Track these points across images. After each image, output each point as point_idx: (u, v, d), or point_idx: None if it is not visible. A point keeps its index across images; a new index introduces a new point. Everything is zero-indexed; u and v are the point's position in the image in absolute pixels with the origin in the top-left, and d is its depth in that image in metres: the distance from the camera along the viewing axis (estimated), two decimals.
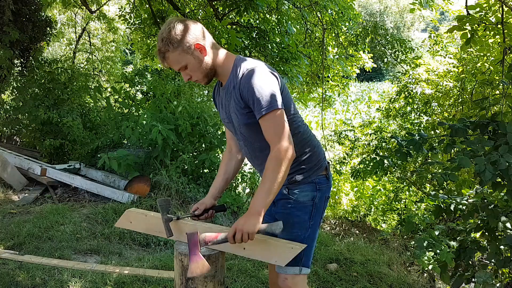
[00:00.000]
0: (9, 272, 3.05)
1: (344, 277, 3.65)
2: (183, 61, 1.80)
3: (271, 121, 1.71)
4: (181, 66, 1.81)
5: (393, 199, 6.86)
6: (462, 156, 2.71)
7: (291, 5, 7.42)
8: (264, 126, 1.74)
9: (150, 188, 4.94)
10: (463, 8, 5.94)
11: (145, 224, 2.09)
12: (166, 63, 1.82)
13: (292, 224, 1.88)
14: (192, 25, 1.81)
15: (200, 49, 1.80)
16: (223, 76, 1.88)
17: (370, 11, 31.71)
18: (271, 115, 1.70)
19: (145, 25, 8.21)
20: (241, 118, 1.84)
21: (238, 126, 1.89)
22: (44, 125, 6.13)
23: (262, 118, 1.72)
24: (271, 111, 1.70)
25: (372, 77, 29.83)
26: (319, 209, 1.93)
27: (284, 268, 1.84)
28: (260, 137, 1.80)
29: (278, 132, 1.71)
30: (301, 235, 1.87)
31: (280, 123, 1.71)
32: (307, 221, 1.89)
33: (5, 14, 6.25)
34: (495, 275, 3.27)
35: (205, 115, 5.65)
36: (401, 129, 7.53)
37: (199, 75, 1.84)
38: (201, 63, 1.81)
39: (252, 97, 1.72)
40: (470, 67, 6.37)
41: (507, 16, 3.80)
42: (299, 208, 1.89)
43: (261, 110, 1.71)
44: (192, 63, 1.81)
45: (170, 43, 1.76)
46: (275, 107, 1.70)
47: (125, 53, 15.44)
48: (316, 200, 1.91)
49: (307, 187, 1.90)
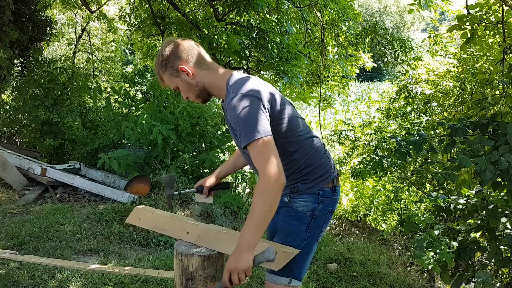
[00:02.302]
0: (9, 272, 3.05)
1: (344, 277, 3.65)
2: (174, 83, 1.86)
3: (255, 151, 1.66)
4: (174, 87, 1.88)
5: (393, 199, 6.85)
6: (463, 156, 2.71)
7: (291, 4, 7.41)
8: (250, 155, 1.69)
9: (150, 188, 4.94)
10: (462, 8, 5.95)
11: (152, 221, 2.13)
12: (163, 84, 1.90)
13: (288, 232, 1.85)
14: (180, 47, 1.82)
15: (186, 72, 1.82)
16: (218, 95, 1.89)
17: (370, 11, 31.72)
18: (254, 144, 1.65)
19: (145, 25, 8.21)
20: (236, 142, 1.87)
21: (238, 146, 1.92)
22: (44, 125, 6.13)
23: (247, 147, 1.68)
24: (253, 142, 1.65)
25: (372, 77, 29.85)
26: (318, 222, 1.87)
27: (273, 276, 1.81)
28: None
29: (262, 162, 1.64)
30: (296, 245, 1.82)
31: (263, 152, 1.65)
32: (303, 232, 1.84)
33: (5, 14, 6.25)
34: (495, 275, 3.27)
35: (205, 115, 5.65)
36: (401, 129, 7.53)
37: (192, 96, 1.88)
38: (190, 85, 1.85)
39: (236, 126, 1.71)
40: (470, 67, 6.37)
41: (507, 15, 3.80)
42: (297, 218, 1.85)
43: (244, 140, 1.67)
44: (181, 85, 1.86)
45: (160, 67, 1.84)
46: (256, 137, 1.64)
47: (125, 53, 15.44)
48: (316, 212, 1.85)
49: (309, 198, 1.85)
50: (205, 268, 1.81)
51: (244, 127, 1.67)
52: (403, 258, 4.76)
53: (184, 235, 1.96)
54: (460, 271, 3.33)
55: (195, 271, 1.81)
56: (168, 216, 2.09)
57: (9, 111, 6.76)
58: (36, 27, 7.14)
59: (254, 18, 7.25)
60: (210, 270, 1.82)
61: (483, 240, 3.28)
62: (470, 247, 3.19)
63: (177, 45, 1.83)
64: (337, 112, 17.73)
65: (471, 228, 3.38)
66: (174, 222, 2.04)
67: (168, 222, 2.06)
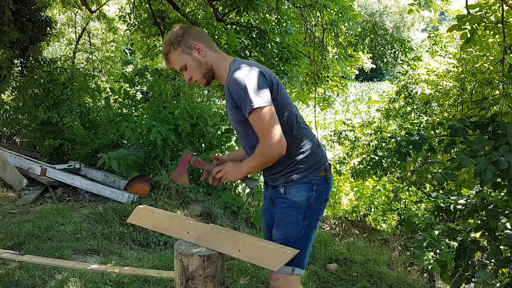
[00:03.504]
0: (9, 272, 3.05)
1: (344, 277, 3.65)
2: (183, 60, 1.93)
3: (258, 118, 1.75)
4: (181, 66, 1.94)
5: (393, 199, 6.86)
6: (463, 156, 2.71)
7: (291, 4, 7.41)
8: (252, 123, 1.79)
9: (150, 188, 4.94)
10: (462, 8, 5.95)
11: (153, 220, 2.14)
12: (169, 64, 1.97)
13: (286, 223, 1.91)
14: (193, 28, 1.98)
15: (199, 50, 1.92)
16: (221, 78, 1.97)
17: (370, 11, 31.72)
18: (257, 111, 1.74)
19: (145, 25, 8.21)
20: (234, 117, 1.90)
21: (234, 126, 1.99)
22: (44, 125, 6.13)
23: (249, 116, 1.77)
24: (256, 109, 1.74)
25: (372, 77, 29.86)
26: (314, 210, 1.93)
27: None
28: (254, 136, 1.85)
29: (266, 128, 1.75)
30: (295, 235, 1.89)
31: (267, 119, 1.75)
32: (301, 221, 1.90)
33: (5, 14, 6.25)
34: (495, 275, 3.28)
35: (205, 115, 5.65)
36: (401, 129, 7.54)
37: (198, 76, 1.96)
38: (200, 63, 1.93)
39: (239, 97, 1.78)
40: (470, 67, 6.37)
41: (507, 15, 3.80)
42: (293, 208, 1.91)
43: (247, 108, 1.76)
44: (191, 63, 1.93)
45: (171, 44, 1.92)
46: (260, 105, 1.74)
47: (125, 53, 15.44)
48: (312, 201, 1.92)
49: (303, 187, 1.91)
50: (205, 268, 1.81)
51: (248, 96, 1.74)
52: (403, 258, 4.76)
53: (184, 234, 1.97)
54: (460, 271, 3.33)
55: (195, 271, 1.81)
56: (168, 216, 2.10)
57: (9, 111, 6.76)
58: (36, 27, 7.14)
59: (254, 18, 7.25)
60: (210, 270, 1.82)
61: (483, 240, 3.28)
62: (470, 247, 3.19)
63: (190, 27, 1.99)
64: (337, 112, 17.73)
65: (471, 228, 3.38)
66: (174, 221, 2.05)
67: (169, 221, 2.08)
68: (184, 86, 6.45)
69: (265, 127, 1.75)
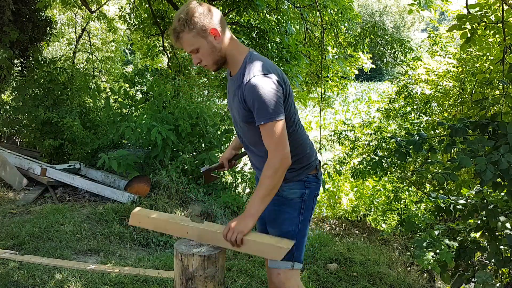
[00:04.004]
0: (9, 272, 3.05)
1: (344, 277, 3.65)
2: (196, 44, 1.80)
3: (270, 131, 1.75)
4: (193, 49, 1.81)
5: (393, 199, 6.85)
6: (463, 156, 2.71)
7: (291, 4, 7.41)
8: (263, 134, 1.78)
9: (150, 188, 4.94)
10: (462, 8, 5.96)
11: (152, 224, 2.12)
12: (179, 43, 1.82)
13: (283, 220, 1.95)
14: (211, 9, 1.82)
15: (215, 35, 1.79)
16: (232, 66, 1.89)
17: (370, 11, 31.73)
18: (270, 125, 1.74)
19: (145, 25, 8.21)
20: (242, 117, 1.87)
21: (238, 121, 1.94)
22: (44, 125, 6.13)
23: (261, 126, 1.76)
24: (271, 122, 1.73)
25: (372, 77, 29.88)
26: (308, 206, 1.98)
27: (277, 263, 1.90)
28: (257, 136, 1.85)
29: (276, 142, 1.75)
30: (292, 230, 1.94)
31: (278, 133, 1.75)
32: (296, 217, 1.95)
33: (5, 14, 6.25)
34: (495, 275, 3.27)
35: (204, 115, 5.65)
36: (401, 129, 7.54)
37: (210, 61, 1.85)
38: (214, 49, 1.82)
39: (254, 104, 1.75)
40: (470, 67, 6.37)
41: (507, 15, 3.80)
42: (288, 205, 1.96)
43: (261, 119, 1.74)
44: (205, 47, 1.81)
45: (187, 24, 1.76)
46: (275, 118, 1.73)
47: (125, 53, 15.44)
48: (305, 197, 1.97)
49: (296, 185, 1.95)
50: (205, 268, 1.81)
51: (264, 106, 1.73)
52: (403, 258, 4.75)
53: (184, 235, 1.99)
54: (460, 271, 3.32)
55: (195, 271, 1.81)
56: (164, 219, 2.09)
57: (9, 111, 6.76)
58: (36, 27, 7.13)
59: (254, 18, 7.25)
60: (210, 270, 1.82)
61: (483, 240, 3.28)
62: (470, 247, 3.19)
63: (208, 7, 1.82)
64: (337, 112, 17.71)
65: (471, 228, 3.38)
66: (172, 224, 2.05)
67: (167, 224, 2.07)
68: (184, 86, 6.45)
69: (276, 140, 1.75)
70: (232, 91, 1.91)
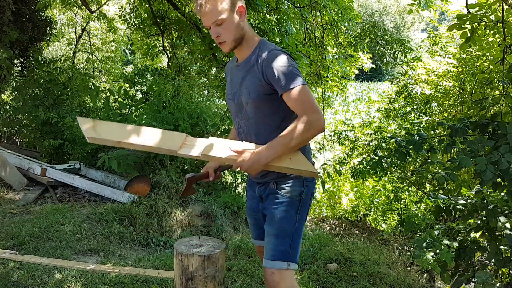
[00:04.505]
0: (9, 272, 3.05)
1: (344, 277, 3.65)
2: (223, 14, 1.77)
3: (303, 94, 1.74)
4: (217, 20, 1.78)
5: (393, 199, 6.85)
6: (463, 156, 2.71)
7: (291, 4, 7.41)
8: (293, 99, 1.74)
9: (150, 188, 4.94)
10: (461, 8, 5.95)
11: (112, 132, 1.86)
12: (203, 10, 1.78)
13: (280, 218, 1.93)
14: None
15: (242, 13, 1.82)
16: (245, 49, 1.91)
17: (370, 11, 31.73)
18: (300, 88, 1.73)
19: (145, 25, 8.21)
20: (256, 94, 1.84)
21: (245, 103, 1.90)
22: (44, 125, 6.13)
23: (289, 91, 1.74)
24: (300, 85, 1.74)
25: (372, 77, 29.88)
26: (305, 205, 1.97)
27: (272, 262, 1.88)
28: (269, 118, 1.86)
29: (312, 102, 1.74)
30: (289, 229, 1.91)
31: (310, 95, 1.75)
32: (294, 216, 1.93)
33: (5, 14, 6.25)
34: (495, 275, 3.27)
35: (204, 115, 5.65)
36: (401, 129, 7.54)
37: (230, 37, 1.83)
38: (237, 27, 1.82)
39: (276, 73, 1.74)
40: (470, 67, 6.37)
41: (507, 14, 3.80)
42: (286, 203, 1.93)
43: (287, 84, 1.73)
44: (230, 22, 1.80)
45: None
46: (304, 82, 1.75)
47: (125, 53, 15.44)
48: (303, 196, 1.95)
49: (296, 182, 1.94)
50: (205, 268, 1.82)
51: (289, 72, 1.74)
52: (403, 258, 4.75)
53: (170, 145, 1.87)
54: (460, 271, 3.32)
55: (195, 271, 1.81)
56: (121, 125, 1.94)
57: (9, 111, 6.76)
58: (36, 27, 7.13)
59: (254, 18, 7.25)
60: (210, 270, 1.82)
61: (483, 240, 3.28)
62: (470, 247, 3.19)
63: None
64: (337, 112, 17.71)
65: (471, 228, 3.38)
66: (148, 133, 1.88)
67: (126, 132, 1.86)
68: (184, 86, 6.45)
69: (312, 101, 1.74)
70: (240, 75, 1.91)
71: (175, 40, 8.29)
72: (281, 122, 1.89)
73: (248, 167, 1.79)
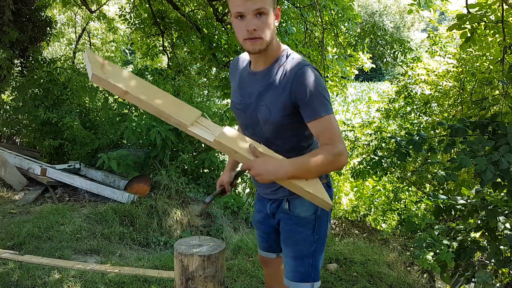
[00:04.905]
0: (9, 272, 3.05)
1: (344, 277, 3.65)
2: (267, 5, 1.55)
3: (331, 124, 1.59)
4: (262, 7, 1.53)
5: (393, 199, 6.85)
6: (463, 156, 2.71)
7: (291, 4, 7.41)
8: (320, 128, 1.59)
9: (150, 188, 4.94)
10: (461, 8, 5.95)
11: (119, 79, 1.59)
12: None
13: (296, 241, 1.81)
14: None
15: (277, 16, 1.63)
16: (267, 57, 1.67)
17: (370, 11, 31.73)
18: (330, 117, 1.58)
19: (145, 25, 8.21)
20: (275, 115, 1.66)
21: (263, 122, 1.71)
22: (44, 125, 6.13)
23: (318, 119, 1.58)
24: (330, 114, 1.58)
25: (372, 77, 29.87)
26: (322, 221, 1.84)
27: (294, 284, 1.82)
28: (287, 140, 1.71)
29: (338, 135, 1.60)
30: (306, 250, 1.81)
31: (337, 126, 1.61)
32: (311, 236, 1.81)
33: (5, 14, 6.25)
34: (495, 275, 3.27)
35: (204, 115, 5.65)
36: (401, 129, 7.54)
37: (267, 34, 1.58)
38: (274, 27, 1.62)
39: (308, 96, 1.57)
40: (470, 67, 6.38)
41: (507, 14, 3.80)
42: (301, 224, 1.80)
43: (318, 112, 1.57)
44: (270, 17, 1.58)
45: None
46: (332, 111, 1.60)
47: (125, 53, 15.44)
48: (318, 213, 1.80)
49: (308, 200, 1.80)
50: (205, 268, 1.82)
51: (321, 98, 1.58)
52: (403, 258, 4.75)
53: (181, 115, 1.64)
54: (460, 271, 3.33)
55: (195, 271, 1.81)
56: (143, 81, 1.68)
57: (9, 111, 6.76)
58: (36, 27, 7.13)
59: None
60: (210, 270, 1.82)
61: (483, 240, 3.28)
62: (470, 247, 3.19)
63: None
64: (337, 112, 17.71)
65: (471, 228, 3.38)
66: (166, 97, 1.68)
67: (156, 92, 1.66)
68: (184, 86, 6.45)
69: (338, 133, 1.60)
70: (255, 87, 1.71)
71: (175, 40, 8.29)
72: (295, 143, 1.75)
73: (261, 172, 1.56)
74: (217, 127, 1.69)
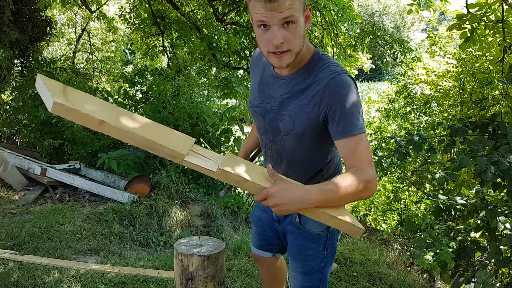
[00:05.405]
0: (9, 272, 3.05)
1: (344, 277, 3.65)
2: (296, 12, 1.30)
3: (362, 144, 1.37)
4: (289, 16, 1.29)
5: (393, 199, 6.86)
6: (463, 156, 2.71)
7: None
8: (350, 148, 1.38)
9: (150, 188, 4.94)
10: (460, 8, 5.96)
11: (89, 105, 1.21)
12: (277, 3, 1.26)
13: (306, 256, 1.74)
14: None
15: (308, 18, 1.37)
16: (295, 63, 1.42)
17: (370, 11, 31.73)
18: (362, 136, 1.37)
19: (145, 25, 8.21)
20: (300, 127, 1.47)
21: (285, 132, 1.52)
22: (44, 125, 6.14)
23: (350, 138, 1.37)
24: (362, 133, 1.38)
25: (372, 77, 29.84)
26: (334, 235, 1.74)
27: None
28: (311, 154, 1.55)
29: (370, 158, 1.38)
30: (316, 266, 1.76)
31: (369, 147, 1.40)
32: (321, 252, 1.73)
33: (5, 14, 6.25)
34: (495, 275, 3.27)
35: (204, 115, 5.65)
36: (401, 129, 7.54)
37: (297, 45, 1.35)
38: (304, 34, 1.37)
39: (340, 111, 1.37)
40: (469, 67, 6.38)
41: (507, 14, 3.80)
42: (312, 240, 1.71)
43: (349, 130, 1.36)
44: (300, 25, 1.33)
45: None
46: (365, 130, 1.40)
47: (125, 53, 15.44)
48: (331, 229, 1.68)
49: None
50: (205, 268, 1.81)
51: (355, 114, 1.37)
52: (403, 258, 4.75)
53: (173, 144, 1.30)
54: (460, 271, 3.33)
55: (195, 271, 1.81)
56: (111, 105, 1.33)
57: (9, 111, 6.76)
58: (36, 27, 7.13)
59: None
60: (210, 270, 1.82)
61: (483, 240, 3.28)
62: (470, 247, 3.19)
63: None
64: None
65: (471, 228, 3.38)
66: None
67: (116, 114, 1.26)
68: (184, 86, 6.45)
69: (370, 156, 1.39)
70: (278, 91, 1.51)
71: (175, 40, 8.29)
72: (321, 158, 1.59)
73: (284, 201, 1.25)
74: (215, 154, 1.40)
